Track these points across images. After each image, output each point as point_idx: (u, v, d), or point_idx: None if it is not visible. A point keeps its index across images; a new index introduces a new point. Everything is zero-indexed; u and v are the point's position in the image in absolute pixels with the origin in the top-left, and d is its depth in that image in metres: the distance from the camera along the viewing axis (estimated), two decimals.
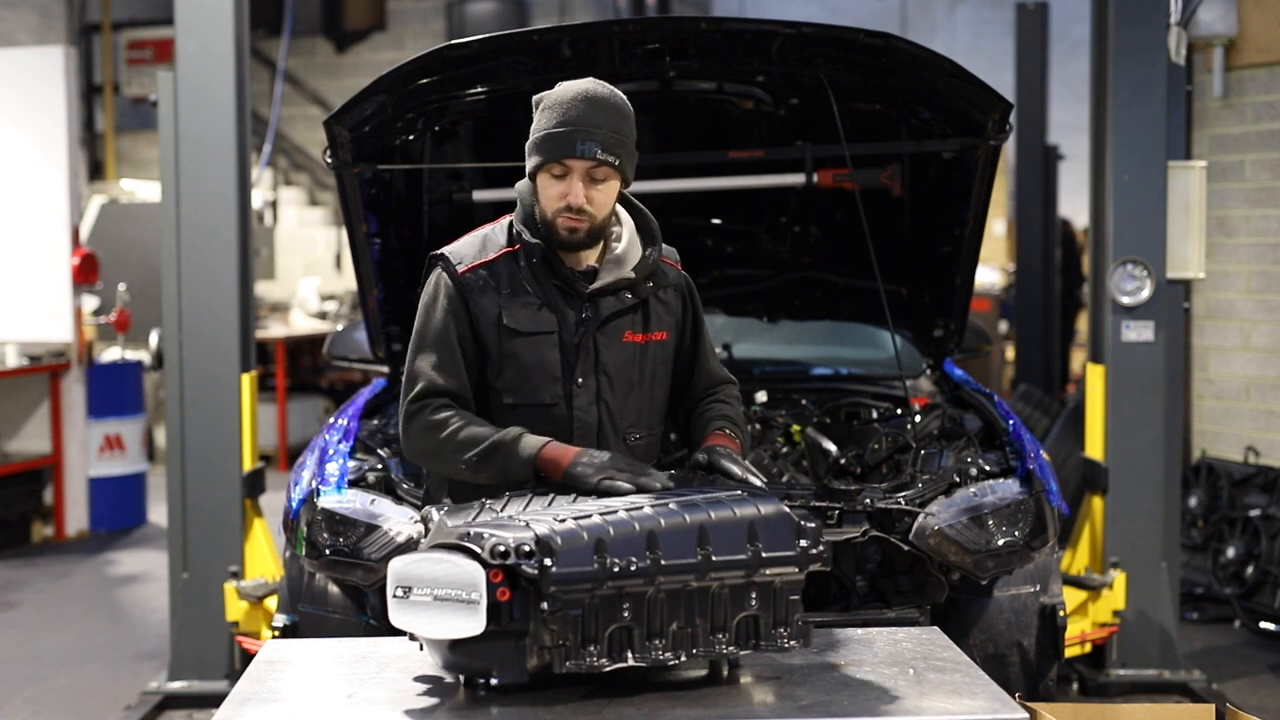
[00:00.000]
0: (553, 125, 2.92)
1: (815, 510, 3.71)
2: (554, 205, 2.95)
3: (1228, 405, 6.69)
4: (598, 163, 2.92)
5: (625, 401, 3.06)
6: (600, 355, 3.03)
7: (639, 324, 3.07)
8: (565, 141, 2.90)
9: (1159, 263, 5.13)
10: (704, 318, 3.24)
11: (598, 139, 2.91)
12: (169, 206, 5.09)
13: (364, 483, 4.00)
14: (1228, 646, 5.80)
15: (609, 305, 3.03)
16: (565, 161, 2.92)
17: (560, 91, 2.96)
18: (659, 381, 3.13)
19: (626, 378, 3.06)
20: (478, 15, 12.60)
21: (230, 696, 2.58)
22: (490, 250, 3.07)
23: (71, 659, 5.76)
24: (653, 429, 3.14)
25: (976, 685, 2.61)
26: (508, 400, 3.03)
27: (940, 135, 4.48)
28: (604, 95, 2.95)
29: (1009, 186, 11.56)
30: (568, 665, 2.46)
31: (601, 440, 3.03)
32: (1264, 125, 6.42)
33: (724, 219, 5.12)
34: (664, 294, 3.12)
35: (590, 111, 2.92)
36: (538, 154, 2.95)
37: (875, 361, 5.37)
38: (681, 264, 3.21)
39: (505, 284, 3.03)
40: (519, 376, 3.02)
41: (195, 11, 5.02)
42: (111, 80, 12.97)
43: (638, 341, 3.07)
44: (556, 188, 2.94)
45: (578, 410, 3.02)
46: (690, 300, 3.19)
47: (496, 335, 3.01)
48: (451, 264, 3.05)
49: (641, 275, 3.05)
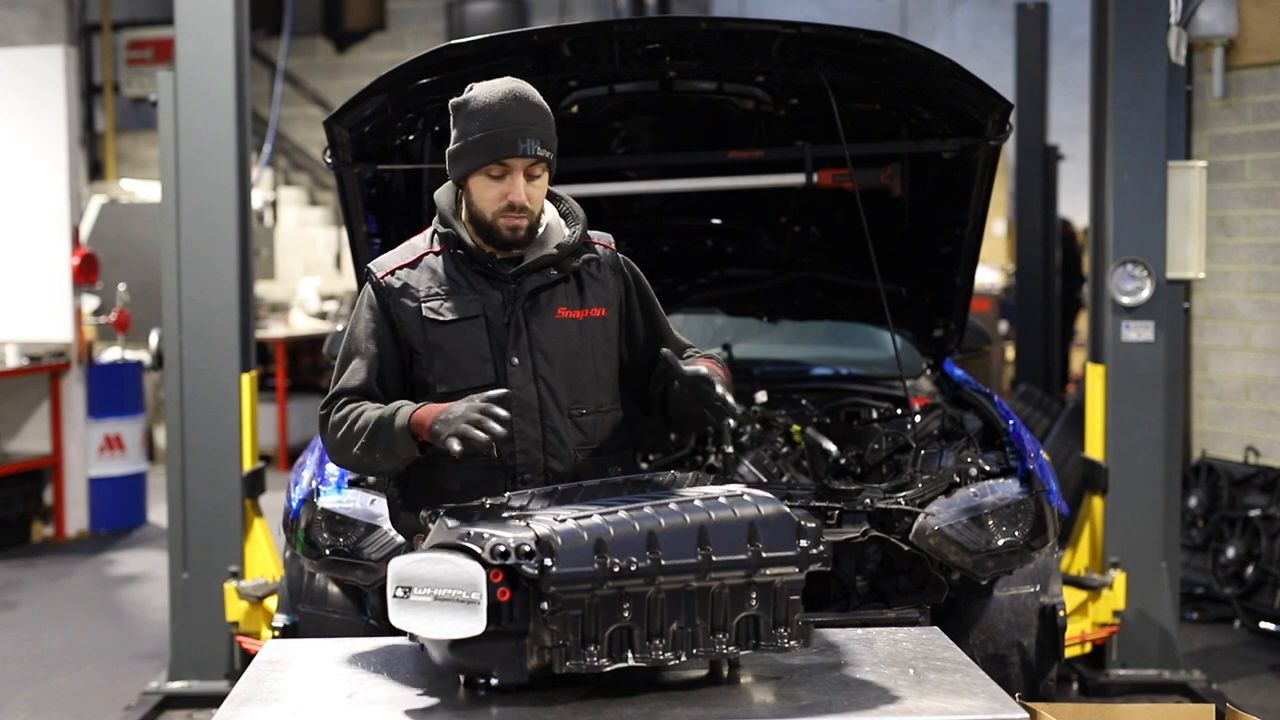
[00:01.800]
0: (489, 127, 2.96)
1: (815, 510, 3.72)
2: (495, 206, 3.00)
3: (1228, 405, 6.69)
4: (537, 159, 2.97)
5: (567, 377, 3.07)
6: (533, 333, 3.05)
7: (574, 300, 3.09)
8: (506, 141, 2.95)
9: (1159, 263, 5.12)
10: (651, 292, 3.23)
11: (536, 135, 2.97)
12: (169, 206, 5.09)
13: (364, 483, 4.00)
14: (1228, 646, 5.80)
15: (534, 281, 3.06)
16: (506, 161, 2.96)
17: (485, 93, 2.99)
18: (603, 357, 3.13)
19: (565, 353, 3.07)
20: (478, 15, 12.59)
21: (230, 696, 2.58)
22: (415, 253, 3.13)
23: (71, 659, 5.76)
24: (603, 406, 3.13)
25: (976, 685, 2.61)
26: (441, 389, 3.06)
27: (940, 135, 4.49)
28: (530, 93, 3.02)
29: (1009, 186, 11.56)
30: (568, 665, 2.46)
31: (544, 416, 3.05)
32: (1264, 125, 6.42)
33: (724, 219, 5.12)
34: (596, 270, 3.13)
35: (524, 110, 2.97)
36: (474, 157, 2.98)
37: (875, 361, 5.37)
38: (614, 246, 3.21)
39: (427, 280, 3.08)
40: (447, 365, 3.05)
41: (195, 11, 5.02)
42: (111, 80, 12.96)
43: (575, 317, 3.09)
44: (496, 188, 2.99)
45: (514, 389, 3.03)
46: (629, 277, 3.20)
47: (420, 329, 3.06)
48: (373, 273, 3.12)
49: (565, 251, 3.07)
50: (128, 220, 10.08)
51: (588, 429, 3.09)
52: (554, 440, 3.05)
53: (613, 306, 3.15)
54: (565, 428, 3.06)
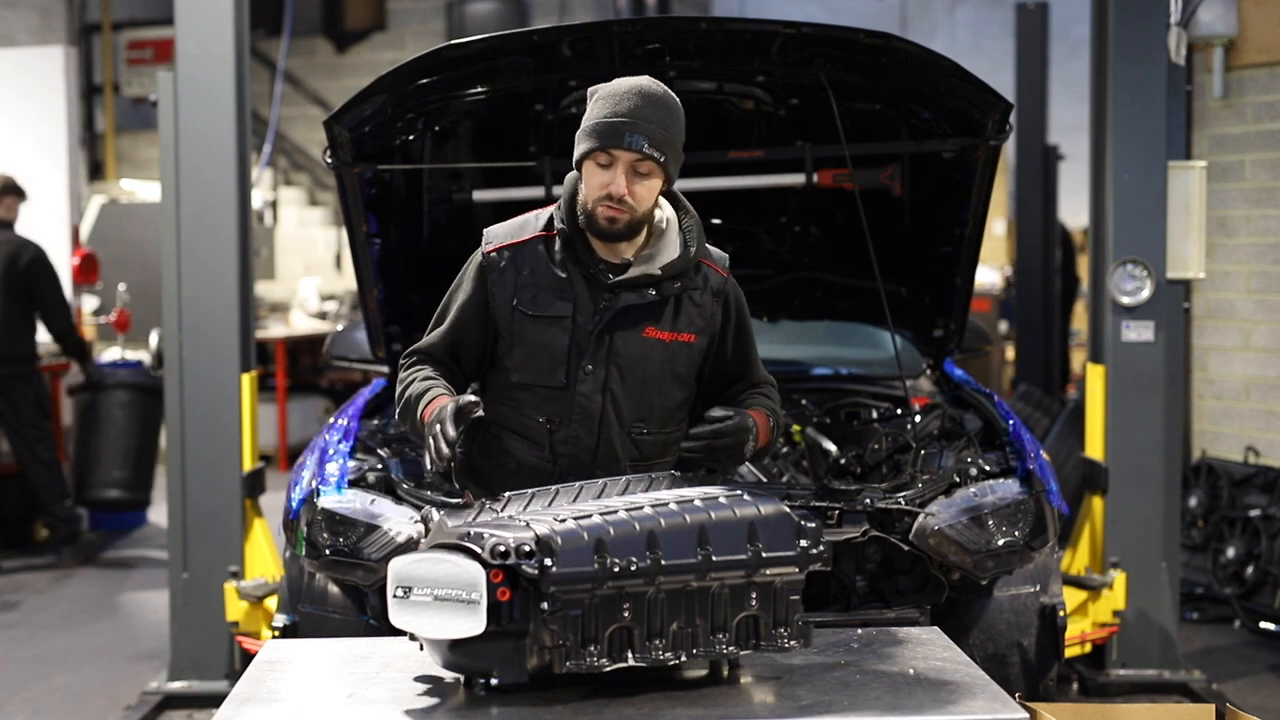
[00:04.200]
0: (604, 115, 2.96)
1: (815, 510, 3.71)
2: (596, 194, 2.99)
3: (1228, 405, 6.69)
4: (643, 156, 2.95)
5: (637, 395, 3.08)
6: (614, 346, 3.06)
7: (666, 322, 3.09)
8: (614, 132, 2.94)
9: (1159, 263, 5.12)
10: (748, 323, 3.24)
11: (645, 133, 2.95)
12: (169, 206, 5.09)
13: (364, 483, 4.00)
14: (1228, 646, 5.80)
15: (628, 299, 3.06)
16: (611, 151, 2.95)
17: (616, 84, 3.00)
18: (681, 382, 3.14)
19: (641, 372, 3.08)
20: (478, 15, 12.60)
21: (230, 696, 2.58)
22: (525, 232, 3.14)
23: (71, 659, 5.76)
24: (666, 427, 3.14)
25: (976, 685, 2.61)
26: (515, 378, 3.10)
27: (940, 135, 4.48)
28: (658, 92, 3.00)
29: (1009, 186, 11.55)
30: (568, 665, 2.46)
31: (603, 428, 3.07)
32: (1264, 125, 6.42)
33: (724, 219, 5.11)
34: (698, 296, 3.13)
35: (642, 106, 2.96)
36: (586, 141, 2.99)
37: (875, 361, 5.37)
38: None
39: (528, 266, 3.09)
40: (526, 357, 3.08)
41: (195, 11, 5.02)
42: (111, 80, 12.96)
43: (661, 339, 3.09)
44: (600, 177, 2.98)
45: (580, 396, 3.06)
46: (732, 307, 3.19)
47: (509, 315, 3.09)
48: (484, 243, 3.15)
49: (669, 274, 3.06)
50: (128, 220, 10.08)
51: (645, 447, 3.11)
52: (606, 452, 3.07)
53: (705, 334, 3.14)
54: (622, 443, 3.08)
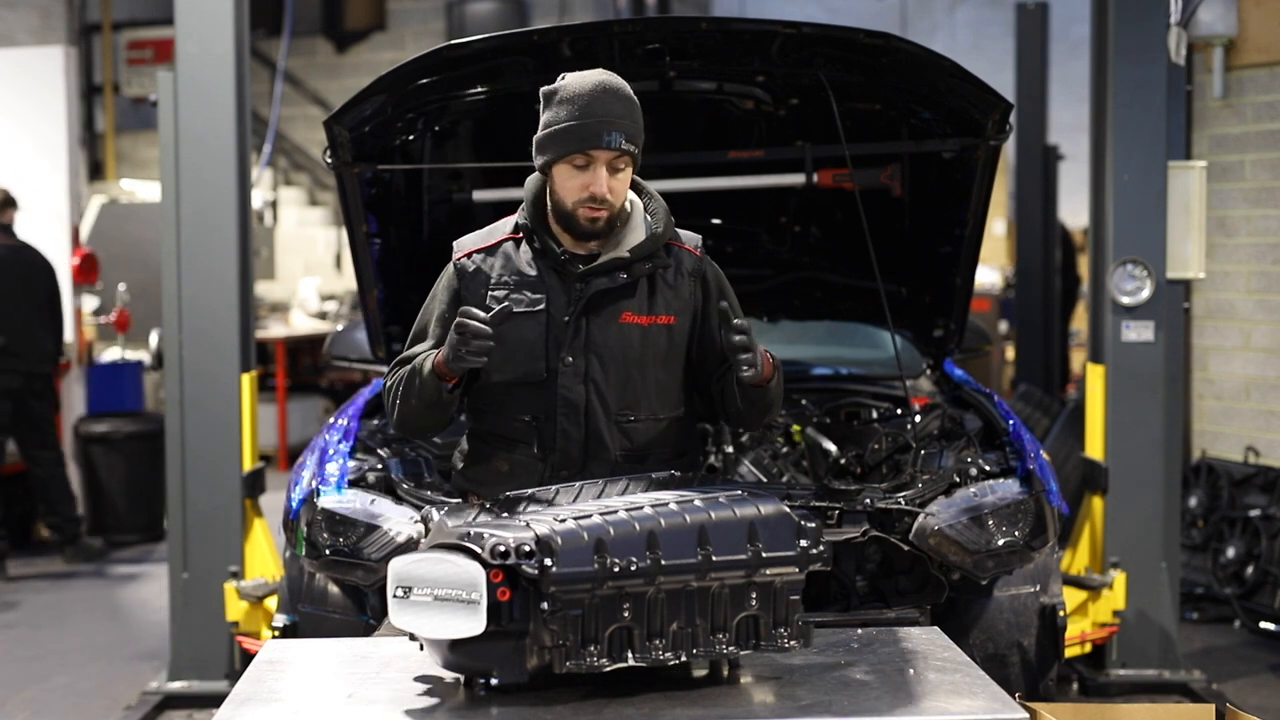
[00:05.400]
0: (575, 117, 2.94)
1: (815, 510, 3.71)
2: (576, 196, 2.99)
3: (1228, 405, 6.69)
4: (621, 152, 2.94)
5: (621, 383, 3.08)
6: (591, 335, 3.06)
7: (641, 306, 3.08)
8: (591, 132, 2.93)
9: (1159, 263, 5.12)
10: (732, 298, 3.21)
11: (622, 129, 2.95)
12: (169, 206, 5.09)
13: (364, 483, 4.00)
14: (1228, 646, 5.80)
15: (600, 284, 3.06)
16: (590, 152, 2.94)
17: (576, 84, 2.98)
18: (666, 365, 3.13)
19: (621, 359, 3.08)
20: (478, 15, 12.60)
21: (230, 696, 2.58)
22: (494, 237, 3.18)
23: (71, 659, 5.76)
24: (656, 413, 3.13)
25: (976, 685, 2.61)
26: (495, 377, 3.11)
27: (940, 135, 4.48)
28: (620, 86, 3.00)
29: (1009, 186, 11.55)
30: (568, 665, 2.46)
31: (589, 419, 3.07)
32: (1264, 125, 6.42)
33: (724, 219, 5.12)
34: (671, 277, 3.12)
35: (612, 102, 2.96)
36: (559, 145, 2.97)
37: (875, 361, 5.37)
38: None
39: (500, 267, 3.12)
40: (505, 354, 3.07)
41: (195, 11, 5.02)
42: (111, 80, 12.96)
43: (639, 323, 3.08)
44: (579, 178, 2.98)
45: (562, 389, 3.06)
46: (711, 285, 3.17)
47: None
48: (455, 251, 3.19)
49: (638, 255, 3.05)
50: (128, 220, 10.07)
51: (634, 435, 3.10)
52: (596, 444, 3.07)
53: (684, 314, 3.13)
54: (610, 432, 3.07)
